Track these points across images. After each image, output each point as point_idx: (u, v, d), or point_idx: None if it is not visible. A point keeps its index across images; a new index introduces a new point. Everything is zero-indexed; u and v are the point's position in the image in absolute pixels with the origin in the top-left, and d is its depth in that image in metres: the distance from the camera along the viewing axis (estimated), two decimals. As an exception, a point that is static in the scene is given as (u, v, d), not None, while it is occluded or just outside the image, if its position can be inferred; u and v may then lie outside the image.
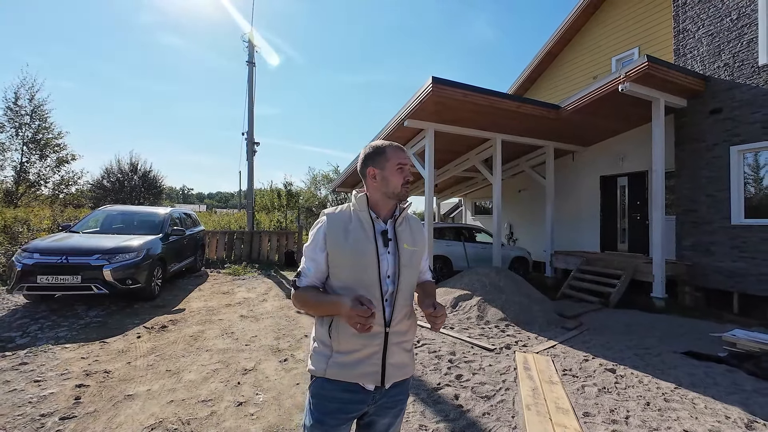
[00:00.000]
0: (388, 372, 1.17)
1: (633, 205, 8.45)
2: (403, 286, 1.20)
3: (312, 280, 1.19)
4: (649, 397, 2.94)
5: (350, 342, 1.14)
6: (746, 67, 5.93)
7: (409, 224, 1.31)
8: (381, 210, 1.25)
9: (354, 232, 1.18)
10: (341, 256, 1.16)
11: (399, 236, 1.23)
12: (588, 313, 5.93)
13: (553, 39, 10.29)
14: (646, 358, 3.87)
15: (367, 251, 1.16)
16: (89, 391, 2.79)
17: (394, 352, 1.19)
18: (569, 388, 3.11)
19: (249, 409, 2.59)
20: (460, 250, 8.53)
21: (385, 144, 1.26)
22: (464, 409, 2.68)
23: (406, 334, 1.23)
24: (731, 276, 6.08)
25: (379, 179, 1.23)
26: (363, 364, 1.15)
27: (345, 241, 1.17)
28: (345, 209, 1.26)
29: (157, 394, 2.76)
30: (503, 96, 6.79)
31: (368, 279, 1.15)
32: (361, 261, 1.15)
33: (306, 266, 1.20)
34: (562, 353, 3.96)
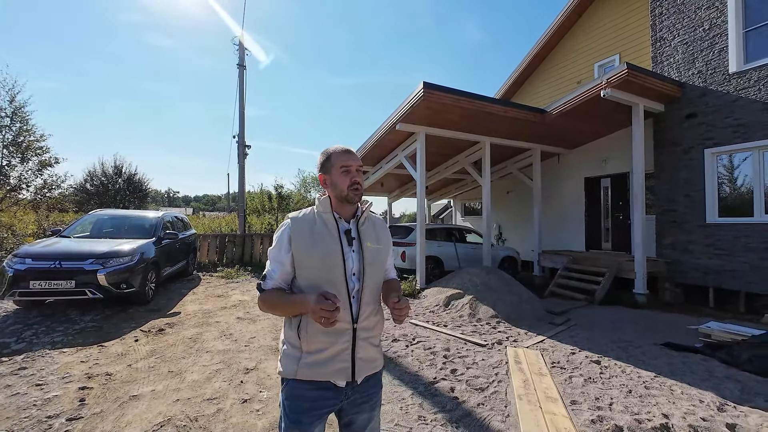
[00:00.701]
0: (358, 367, 1.21)
1: (616, 206, 8.79)
2: (369, 282, 1.25)
3: (277, 282, 1.23)
4: (631, 385, 3.15)
5: (319, 341, 1.18)
6: (718, 75, 6.30)
7: (373, 223, 1.36)
8: (342, 211, 1.29)
9: (319, 233, 1.22)
10: (307, 256, 1.20)
11: (362, 235, 1.28)
12: (575, 310, 6.17)
13: (539, 44, 10.63)
14: (629, 350, 4.09)
15: (332, 250, 1.20)
16: (93, 393, 2.83)
17: (363, 347, 1.23)
18: (558, 378, 3.29)
19: (254, 405, 2.68)
20: (451, 250, 8.71)
21: (330, 149, 1.30)
22: (460, 401, 2.83)
23: (373, 330, 1.27)
24: (707, 272, 6.42)
25: (329, 184, 1.27)
26: (333, 361, 1.18)
27: (311, 241, 1.21)
28: (309, 212, 1.30)
29: (163, 394, 2.82)
30: (491, 101, 7.02)
31: (334, 277, 1.19)
32: (327, 260, 1.19)
33: (271, 269, 1.24)
34: (551, 347, 4.15)
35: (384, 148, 8.83)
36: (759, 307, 5.88)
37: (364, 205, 1.34)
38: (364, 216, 1.32)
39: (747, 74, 5.93)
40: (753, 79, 5.86)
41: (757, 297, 5.95)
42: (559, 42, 10.50)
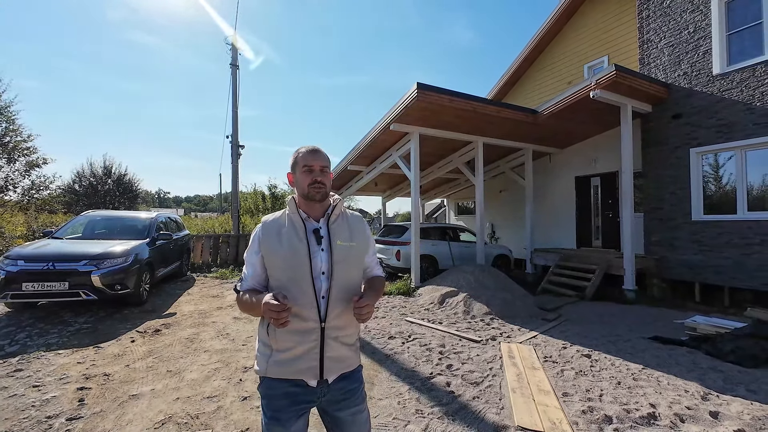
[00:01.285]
0: (326, 366, 1.21)
1: (606, 204, 8.98)
2: (339, 281, 1.24)
3: (251, 284, 1.26)
4: (620, 377, 3.26)
5: (286, 340, 1.19)
6: (702, 76, 6.49)
7: (347, 221, 1.35)
8: (310, 210, 1.31)
9: (286, 234, 1.25)
10: (275, 257, 1.23)
11: (333, 233, 1.28)
12: (566, 306, 6.31)
13: (529, 46, 10.78)
14: (618, 344, 4.22)
15: (297, 250, 1.22)
16: (92, 393, 2.84)
17: (332, 346, 1.23)
18: (550, 372, 3.38)
19: (254, 402, 2.72)
20: (445, 249, 8.81)
21: (299, 149, 1.33)
22: (456, 395, 2.91)
23: (344, 329, 1.26)
24: (692, 268, 6.61)
25: (294, 182, 1.32)
26: (300, 360, 1.19)
27: (278, 242, 1.23)
28: (281, 214, 1.33)
29: (162, 393, 2.84)
30: (485, 101, 7.12)
31: (300, 276, 1.20)
32: (293, 260, 1.21)
33: (245, 271, 1.29)
34: (543, 342, 4.26)
35: (378, 148, 8.89)
36: (741, 301, 6.08)
37: (335, 202, 1.35)
38: (335, 214, 1.33)
39: (730, 76, 6.13)
40: (735, 80, 6.05)
41: (739, 291, 6.16)
42: (549, 44, 10.67)
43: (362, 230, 1.39)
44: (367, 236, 1.40)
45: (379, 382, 3.14)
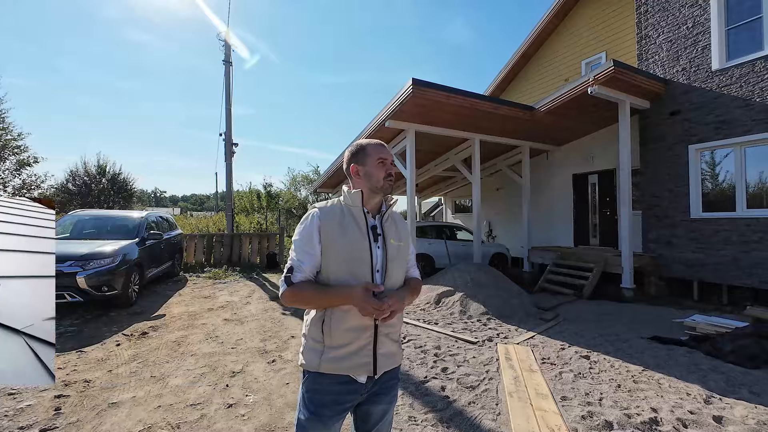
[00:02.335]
0: (379, 362, 1.22)
1: (603, 202, 8.91)
2: (391, 279, 1.26)
3: (307, 274, 1.20)
4: (620, 379, 3.17)
5: (342, 336, 1.18)
6: (701, 72, 6.40)
7: (394, 220, 1.36)
8: (369, 205, 1.29)
9: (349, 226, 1.22)
10: (337, 249, 1.19)
11: (386, 231, 1.29)
12: (563, 305, 6.23)
13: (527, 42, 10.68)
14: (617, 344, 4.13)
15: (361, 245, 1.21)
16: (70, 401, 2.71)
17: (384, 342, 1.24)
18: (548, 375, 3.29)
19: (240, 410, 2.60)
20: (441, 248, 8.71)
21: (365, 142, 1.32)
22: (451, 400, 2.80)
23: (394, 326, 1.28)
24: (690, 266, 6.54)
25: (362, 175, 1.28)
26: (355, 356, 1.19)
27: (341, 234, 1.20)
28: (335, 204, 1.29)
29: (144, 401, 2.72)
30: (482, 98, 7.00)
31: (361, 273, 1.19)
32: (356, 255, 1.20)
33: (300, 260, 1.19)
34: (541, 343, 4.17)
35: (373, 146, 8.75)
36: (740, 299, 6.03)
37: (389, 200, 1.34)
38: (388, 212, 1.32)
39: (729, 71, 6.05)
40: (735, 76, 5.97)
41: (738, 289, 6.10)
42: (546, 40, 10.57)
43: (406, 230, 1.40)
44: (409, 236, 1.42)
45: (371, 386, 3.03)
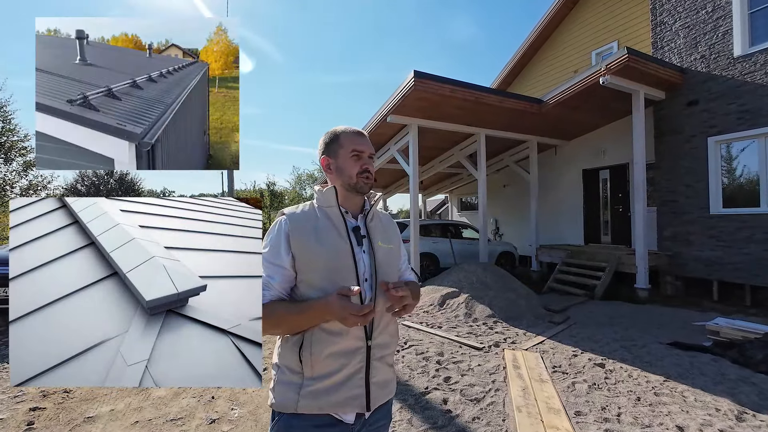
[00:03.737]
0: (373, 394, 1.00)
1: (615, 198, 8.55)
2: (382, 289, 1.04)
3: (278, 292, 0.99)
4: (640, 391, 2.90)
5: (326, 364, 0.95)
6: (722, 59, 6.03)
7: (380, 220, 1.17)
8: (348, 204, 1.10)
9: (325, 231, 1.02)
10: (313, 258, 0.99)
11: (372, 232, 1.09)
12: (574, 306, 5.94)
13: (534, 33, 10.32)
14: (633, 350, 3.85)
15: (342, 251, 1.01)
16: (45, 414, 2.54)
17: (378, 368, 1.02)
18: (559, 385, 3.03)
19: (222, 426, 2.40)
20: (446, 247, 8.46)
21: (340, 129, 1.10)
22: (453, 415, 2.57)
23: (388, 347, 1.07)
24: (710, 264, 6.19)
25: (334, 169, 1.08)
26: (344, 387, 0.96)
27: (316, 240, 1.00)
28: (307, 207, 1.09)
29: (122, 415, 2.53)
30: (487, 90, 6.72)
31: (345, 283, 0.98)
32: (337, 262, 0.99)
33: (269, 275, 0.98)
34: (551, 349, 3.90)
35: (375, 142, 8.49)
36: (764, 301, 5.68)
37: (372, 198, 1.15)
38: (372, 210, 1.13)
39: (753, 57, 5.67)
40: (759, 62, 5.59)
41: (762, 290, 5.74)
42: (555, 30, 10.20)
43: (395, 231, 1.22)
44: (399, 237, 1.23)
45: (367, 398, 2.81)
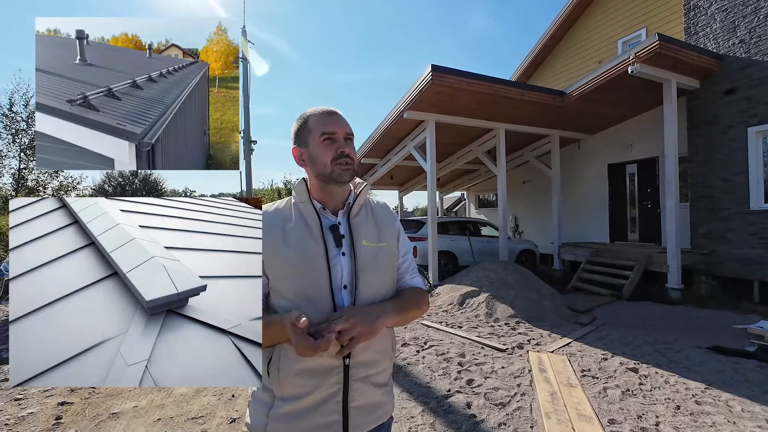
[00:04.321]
0: (352, 421, 0.86)
1: (643, 193, 8.16)
2: (366, 297, 0.89)
3: None
4: (679, 399, 2.71)
5: (296, 383, 0.84)
6: (763, 43, 5.61)
7: (373, 214, 1.01)
8: (327, 198, 0.95)
9: (295, 231, 0.90)
10: (280, 262, 0.87)
11: (356, 230, 0.94)
12: (601, 307, 5.69)
13: (556, 23, 9.96)
14: (669, 354, 3.63)
15: (312, 254, 0.88)
16: (72, 409, 2.59)
17: (360, 390, 0.88)
18: (590, 391, 2.88)
19: (242, 426, 2.38)
20: (465, 245, 8.29)
21: (309, 112, 0.95)
22: (478, 420, 2.46)
23: (376, 365, 0.91)
24: (750, 264, 5.80)
25: (307, 160, 0.93)
26: (316, 412, 0.85)
27: (283, 242, 0.88)
28: (285, 204, 0.97)
29: (145, 412, 2.56)
30: (507, 83, 6.51)
31: (318, 292, 0.86)
32: (306, 268, 0.87)
33: None
34: (579, 351, 3.73)
35: (392, 139, 8.43)
36: (813, 303, 5.27)
37: (358, 188, 0.99)
38: (359, 204, 0.97)
39: (799, 40, 5.25)
40: (806, 45, 5.18)
41: (810, 291, 5.33)
42: (578, 19, 9.80)
43: (392, 225, 1.03)
44: (399, 232, 1.05)
45: (388, 400, 2.73)
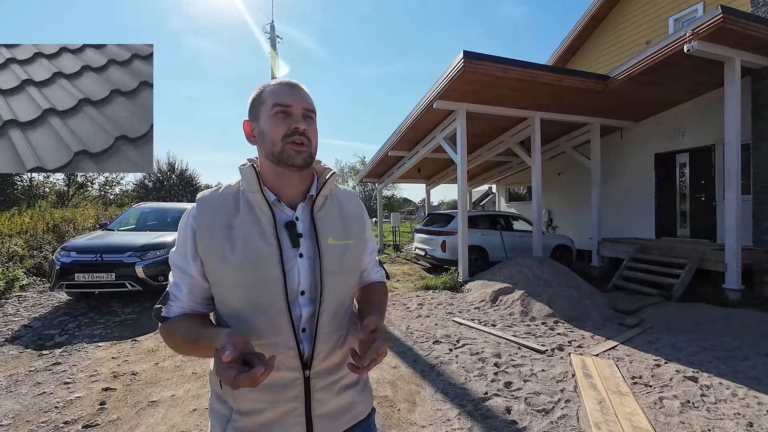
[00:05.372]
0: (319, 429, 0.78)
1: (696, 185, 7.48)
2: (330, 303, 0.78)
3: (187, 305, 0.78)
4: (751, 415, 2.41)
5: (252, 398, 0.75)
6: None
7: (340, 206, 0.87)
8: (283, 188, 0.80)
9: (242, 226, 0.76)
10: (222, 268, 0.74)
11: (320, 227, 0.81)
12: (648, 308, 5.27)
13: (597, 2, 9.26)
14: (732, 362, 3.27)
15: (263, 257, 0.74)
16: (115, 395, 2.69)
17: (323, 400, 0.79)
18: (643, 401, 2.63)
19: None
20: (496, 239, 7.99)
21: (262, 86, 0.81)
22: (519, 427, 2.30)
23: (340, 369, 0.82)
24: (827, 263, 5.16)
25: (257, 136, 0.79)
26: (277, 426, 0.76)
27: (227, 242, 0.74)
28: (230, 190, 0.81)
29: (181, 401, 2.60)
30: (544, 68, 6.13)
31: (269, 301, 0.74)
32: (254, 275, 0.74)
33: (174, 283, 0.78)
34: (627, 356, 3.44)
35: (420, 131, 8.22)
36: None
37: (323, 175, 0.85)
38: (323, 195, 0.83)
39: None
40: None
41: None
42: (621, -3, 9.07)
43: (360, 216, 0.91)
44: (366, 225, 0.92)
45: (422, 401, 2.63)
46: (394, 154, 9.74)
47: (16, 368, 3.11)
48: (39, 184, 17.03)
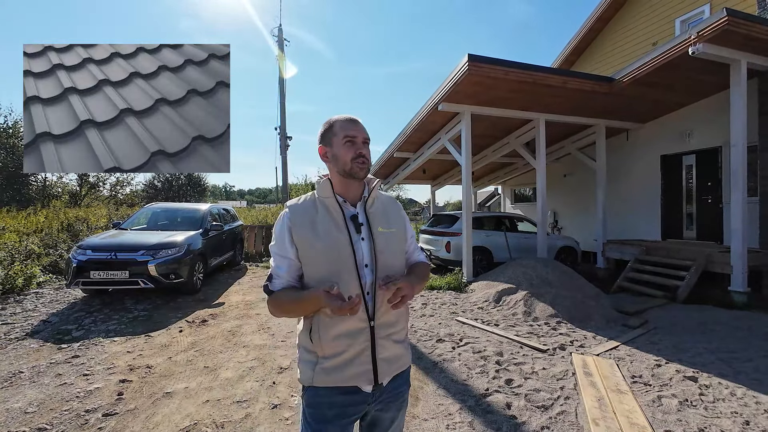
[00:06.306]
0: (380, 369, 1.10)
1: (702, 187, 7.45)
2: (383, 273, 1.11)
3: (287, 280, 1.10)
4: (748, 414, 2.45)
5: (334, 344, 1.06)
6: None
7: (383, 205, 1.22)
8: (347, 193, 1.15)
9: (322, 222, 1.09)
10: (311, 249, 1.07)
11: (372, 219, 1.15)
12: (652, 309, 5.29)
13: (603, 3, 9.27)
14: (734, 364, 3.30)
15: (339, 241, 1.08)
16: (131, 387, 2.82)
17: (384, 346, 1.11)
18: (642, 399, 2.68)
19: (284, 413, 2.46)
20: (501, 240, 8.03)
21: (335, 118, 1.15)
22: (519, 422, 2.38)
23: (395, 325, 1.14)
24: (835, 266, 5.13)
25: (330, 157, 1.13)
26: (352, 365, 1.07)
27: (313, 233, 1.08)
28: (309, 198, 1.16)
29: (194, 393, 2.72)
30: (548, 71, 6.17)
31: (345, 270, 1.06)
32: (334, 253, 1.07)
33: (277, 266, 1.11)
34: (628, 356, 3.49)
35: (425, 132, 8.30)
36: None
37: (371, 183, 1.20)
38: (372, 197, 1.18)
39: None
40: None
41: None
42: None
43: (398, 213, 1.26)
44: (404, 219, 1.28)
45: (424, 396, 2.71)
46: (400, 155, 9.82)
47: (38, 360, 3.27)
48: (52, 184, 17.45)
